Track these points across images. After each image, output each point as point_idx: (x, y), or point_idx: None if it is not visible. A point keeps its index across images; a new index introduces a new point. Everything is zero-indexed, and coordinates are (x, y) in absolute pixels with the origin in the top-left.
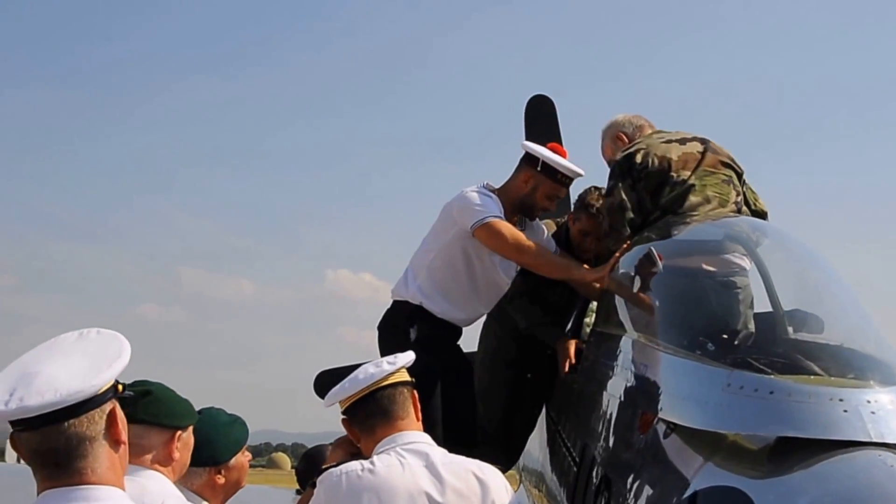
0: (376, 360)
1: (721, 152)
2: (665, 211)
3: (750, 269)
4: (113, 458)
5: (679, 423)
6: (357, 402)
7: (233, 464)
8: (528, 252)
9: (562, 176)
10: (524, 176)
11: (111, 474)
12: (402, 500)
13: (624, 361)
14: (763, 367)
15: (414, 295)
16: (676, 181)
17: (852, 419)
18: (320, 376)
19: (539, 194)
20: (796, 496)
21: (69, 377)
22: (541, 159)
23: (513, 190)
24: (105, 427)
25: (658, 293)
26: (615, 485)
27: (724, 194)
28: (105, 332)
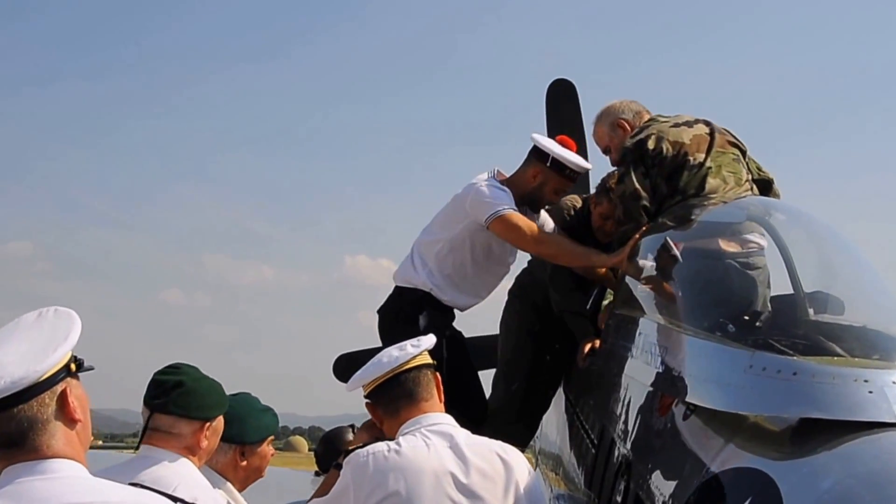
0: (399, 343)
1: (725, 132)
2: (685, 195)
3: (769, 249)
4: (69, 434)
5: (700, 404)
6: (381, 385)
7: (258, 450)
8: (547, 242)
9: (570, 171)
10: (533, 171)
11: (69, 449)
12: (428, 480)
13: (643, 344)
14: (785, 348)
15: (424, 282)
16: (694, 165)
17: (877, 400)
18: (339, 360)
19: (547, 189)
20: (820, 478)
21: (14, 364)
22: (551, 156)
23: (521, 183)
24: (57, 408)
25: (677, 275)
26: (635, 467)
27: (738, 173)
28: (61, 311)
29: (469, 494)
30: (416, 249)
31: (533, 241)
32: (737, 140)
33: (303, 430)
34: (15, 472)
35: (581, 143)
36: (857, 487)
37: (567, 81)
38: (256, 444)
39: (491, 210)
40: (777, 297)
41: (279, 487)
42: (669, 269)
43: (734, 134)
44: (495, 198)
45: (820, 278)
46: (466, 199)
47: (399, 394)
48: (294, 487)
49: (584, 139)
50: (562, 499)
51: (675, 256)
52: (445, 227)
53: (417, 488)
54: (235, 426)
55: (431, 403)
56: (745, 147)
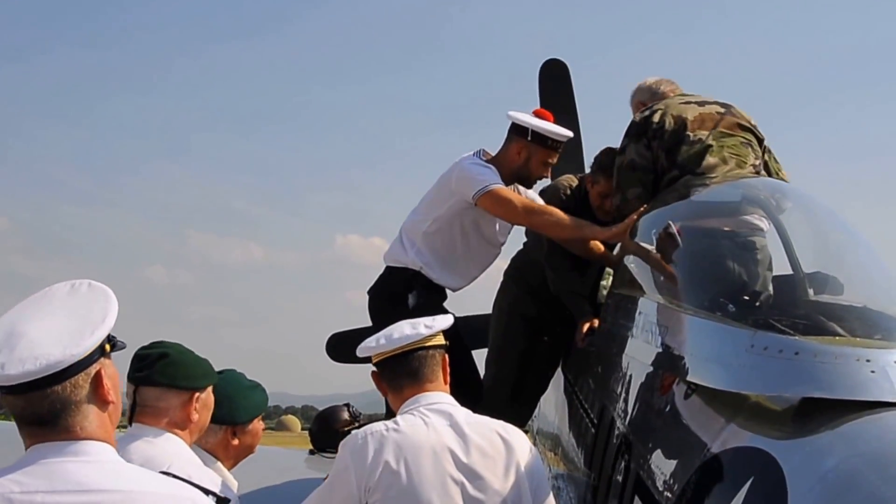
0: (415, 320)
1: (741, 116)
2: (683, 169)
3: (769, 230)
4: (101, 417)
5: (701, 384)
6: (388, 359)
7: (249, 428)
8: (538, 213)
9: (552, 142)
10: (516, 147)
11: (101, 431)
12: (427, 457)
13: (644, 323)
14: (787, 328)
15: (413, 261)
16: (693, 140)
17: (880, 380)
18: (332, 339)
19: (533, 163)
20: (822, 457)
21: (52, 344)
22: (530, 128)
23: (507, 161)
24: (91, 390)
25: (678, 255)
26: (636, 446)
27: (742, 156)
28: (96, 287)
29: (469, 473)
30: (404, 230)
31: (523, 212)
32: (754, 128)
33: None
34: (43, 451)
35: (574, 122)
36: (861, 467)
37: (559, 62)
38: (247, 423)
39: (478, 186)
40: (777, 277)
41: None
42: (669, 249)
43: (753, 121)
44: (481, 174)
45: (820, 259)
46: (452, 178)
47: (404, 372)
48: (288, 466)
49: (577, 118)
50: (561, 478)
51: (676, 238)
52: (432, 206)
53: (418, 465)
54: (225, 407)
55: (435, 385)
56: (762, 136)
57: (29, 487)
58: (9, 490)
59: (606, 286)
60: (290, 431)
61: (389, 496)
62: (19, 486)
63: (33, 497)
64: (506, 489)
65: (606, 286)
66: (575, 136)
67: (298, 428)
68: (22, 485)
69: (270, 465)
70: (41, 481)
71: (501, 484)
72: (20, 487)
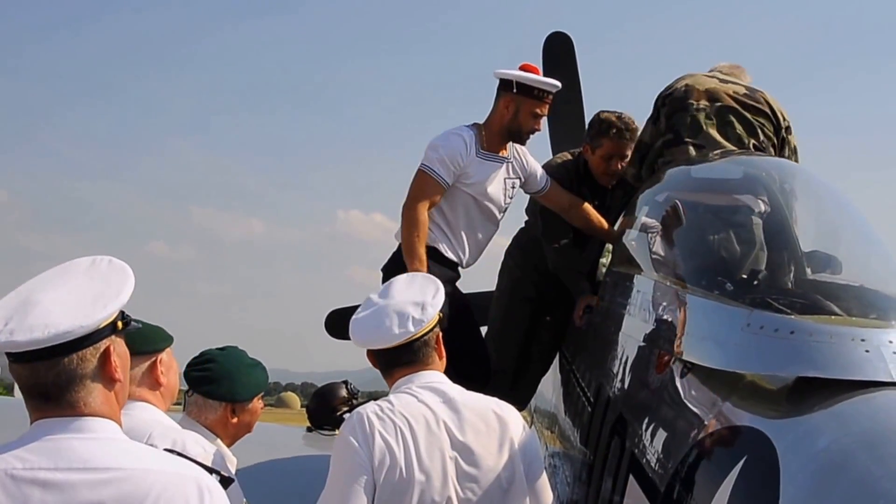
0: (402, 310)
1: (764, 102)
2: (676, 134)
3: (768, 209)
4: (107, 394)
5: (697, 362)
6: (378, 350)
7: (248, 406)
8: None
9: (538, 91)
10: (504, 102)
11: (106, 408)
12: (422, 434)
13: (641, 301)
14: (783, 307)
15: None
16: (696, 108)
17: (874, 359)
18: (331, 316)
19: (522, 115)
20: (816, 436)
21: (62, 314)
22: (514, 80)
23: (496, 119)
24: (98, 365)
25: (675, 233)
26: (631, 425)
27: (744, 136)
28: (115, 263)
29: (463, 449)
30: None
31: (406, 204)
32: (772, 114)
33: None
34: (47, 427)
35: (578, 96)
36: (854, 446)
37: (564, 35)
38: (247, 402)
39: (424, 160)
40: (775, 256)
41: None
42: (667, 227)
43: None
44: (436, 155)
45: (818, 238)
46: (426, 148)
47: (395, 362)
48: (286, 443)
49: (580, 93)
50: (557, 456)
51: (674, 215)
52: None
53: (414, 443)
54: (225, 384)
55: (429, 366)
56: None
57: (32, 464)
58: (11, 466)
59: (605, 264)
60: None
61: (389, 476)
62: (22, 463)
63: (36, 474)
64: (499, 465)
65: (605, 264)
66: (578, 111)
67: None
68: (25, 461)
69: (268, 442)
70: (44, 458)
71: (495, 460)
72: (23, 464)
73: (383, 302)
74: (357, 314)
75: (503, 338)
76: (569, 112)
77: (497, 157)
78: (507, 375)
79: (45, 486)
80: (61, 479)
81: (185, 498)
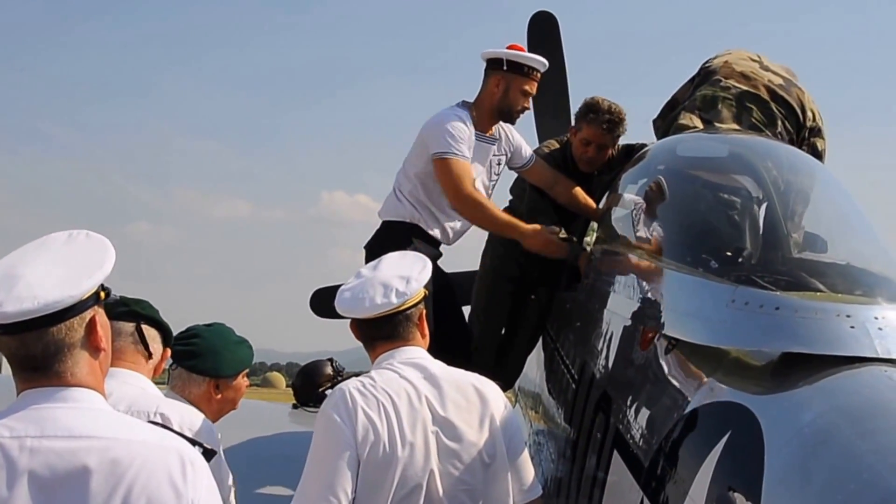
0: (387, 282)
1: (794, 96)
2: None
3: (754, 187)
4: (93, 364)
5: (682, 339)
6: (361, 320)
7: (233, 383)
8: (469, 203)
9: (528, 69)
10: (494, 80)
11: (91, 378)
12: (404, 410)
13: (625, 279)
14: (768, 283)
15: (411, 214)
16: (722, 85)
17: (859, 335)
18: (316, 294)
19: (512, 93)
20: (801, 411)
21: (51, 285)
22: (504, 58)
23: (486, 98)
24: (84, 334)
25: (661, 210)
26: (616, 401)
27: (762, 125)
28: (94, 237)
29: (444, 424)
30: (396, 184)
31: (454, 195)
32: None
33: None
34: (33, 397)
35: (562, 76)
36: (838, 421)
37: (548, 14)
38: (231, 378)
39: (440, 148)
40: (761, 234)
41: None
42: (653, 204)
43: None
44: (450, 136)
45: (805, 216)
46: (426, 133)
47: (376, 335)
48: (271, 419)
49: (565, 72)
50: (542, 434)
51: (660, 192)
52: (415, 161)
53: (396, 418)
54: (210, 359)
55: (411, 342)
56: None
57: (19, 432)
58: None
59: (590, 242)
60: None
61: (373, 451)
62: (9, 431)
63: (23, 441)
64: (481, 441)
65: (590, 242)
66: (562, 91)
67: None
68: (12, 430)
69: (254, 419)
70: (31, 426)
71: (476, 435)
72: (10, 433)
73: (371, 274)
74: (345, 284)
75: (487, 317)
76: (554, 91)
77: (488, 137)
78: (492, 355)
79: (32, 453)
80: (47, 446)
81: (167, 468)
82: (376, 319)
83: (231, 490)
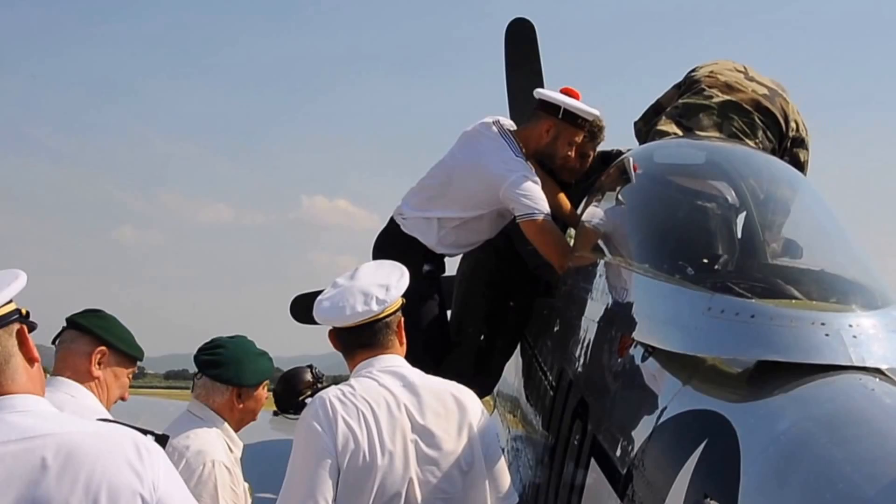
0: (367, 290)
1: (778, 106)
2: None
3: (730, 194)
4: (30, 371)
5: (658, 346)
6: (341, 329)
7: (254, 393)
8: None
9: (582, 120)
10: (546, 125)
11: (31, 385)
12: (384, 418)
13: (603, 286)
14: (744, 291)
15: (435, 245)
16: (705, 94)
17: (834, 343)
18: (296, 301)
19: (560, 142)
20: (776, 419)
21: None
22: (562, 107)
23: (534, 139)
24: (17, 345)
25: (638, 217)
26: (593, 408)
27: (743, 135)
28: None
29: (423, 432)
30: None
31: (556, 254)
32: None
33: None
34: None
35: (539, 84)
36: (813, 429)
37: (526, 21)
38: (253, 388)
39: (527, 210)
40: (737, 241)
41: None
42: (629, 211)
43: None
44: (533, 194)
45: (781, 222)
46: (501, 187)
47: (356, 343)
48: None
49: (542, 78)
50: (519, 440)
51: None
52: (468, 207)
53: (376, 427)
54: (233, 368)
55: (389, 350)
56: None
57: None
58: None
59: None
60: None
61: (353, 460)
62: None
63: None
64: (459, 448)
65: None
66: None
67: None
68: None
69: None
70: None
71: (455, 443)
72: None
73: (349, 283)
74: (323, 294)
75: (465, 323)
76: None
77: None
78: (470, 361)
79: None
80: (3, 451)
81: (123, 453)
82: (356, 327)
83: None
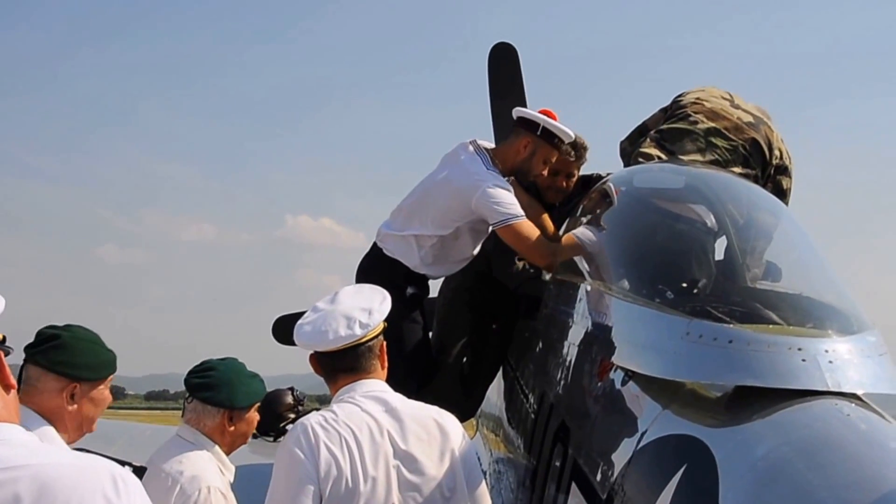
0: (349, 314)
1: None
2: (662, 133)
3: (709, 218)
4: (5, 398)
5: (637, 371)
6: (322, 353)
7: (246, 416)
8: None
9: (558, 140)
10: (524, 141)
11: (6, 413)
12: (366, 444)
13: (583, 309)
14: (722, 315)
15: (417, 266)
16: (690, 120)
17: (810, 368)
18: (278, 322)
19: (536, 159)
20: (754, 445)
21: None
22: (541, 125)
23: (511, 155)
24: None
25: (618, 241)
26: (574, 432)
27: (724, 160)
28: None
29: (405, 458)
30: (412, 234)
31: (539, 254)
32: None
33: None
34: None
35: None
36: (791, 454)
37: (509, 45)
38: (244, 410)
39: (501, 217)
40: (716, 265)
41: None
42: (609, 235)
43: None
44: (505, 200)
45: (760, 248)
46: (472, 198)
47: (338, 367)
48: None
49: (525, 103)
50: (502, 463)
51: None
52: (443, 223)
53: (358, 453)
54: (225, 391)
55: (371, 374)
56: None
57: None
58: None
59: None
60: None
61: (335, 487)
62: None
63: None
64: (441, 474)
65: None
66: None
67: None
68: None
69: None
70: None
71: (437, 469)
72: None
73: (330, 307)
74: (303, 319)
75: (448, 346)
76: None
77: None
78: (453, 385)
79: None
80: None
81: (99, 485)
82: (339, 352)
83: None
